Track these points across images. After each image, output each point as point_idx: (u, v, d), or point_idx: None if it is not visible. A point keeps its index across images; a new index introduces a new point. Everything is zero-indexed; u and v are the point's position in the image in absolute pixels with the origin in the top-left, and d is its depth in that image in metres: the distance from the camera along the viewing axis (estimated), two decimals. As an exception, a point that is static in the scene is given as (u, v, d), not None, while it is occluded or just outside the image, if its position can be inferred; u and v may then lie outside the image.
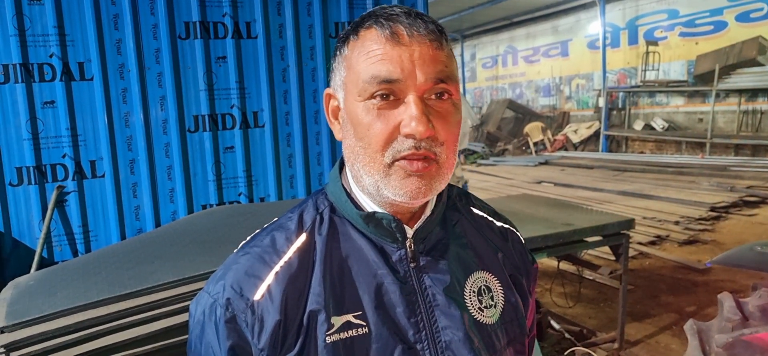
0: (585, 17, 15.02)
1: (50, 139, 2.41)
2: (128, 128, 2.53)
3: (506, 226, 0.83)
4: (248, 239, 0.73)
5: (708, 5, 12.08)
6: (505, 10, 15.50)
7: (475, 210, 0.82)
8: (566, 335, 3.30)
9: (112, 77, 2.48)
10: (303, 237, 0.70)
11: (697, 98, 12.53)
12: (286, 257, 0.68)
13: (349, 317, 0.66)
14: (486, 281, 0.74)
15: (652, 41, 13.10)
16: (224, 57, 2.68)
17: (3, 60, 2.30)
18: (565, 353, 3.02)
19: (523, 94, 17.89)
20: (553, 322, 3.41)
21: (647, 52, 13.01)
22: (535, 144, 14.77)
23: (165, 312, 1.62)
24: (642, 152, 13.09)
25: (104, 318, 1.55)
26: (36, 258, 2.30)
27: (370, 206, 0.70)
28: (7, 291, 1.73)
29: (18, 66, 2.31)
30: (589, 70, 15.26)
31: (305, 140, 2.89)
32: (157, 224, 2.61)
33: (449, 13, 15.16)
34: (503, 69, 18.68)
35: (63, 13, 2.37)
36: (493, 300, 0.73)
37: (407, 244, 0.70)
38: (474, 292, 0.72)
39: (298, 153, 2.89)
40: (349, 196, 0.72)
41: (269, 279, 0.66)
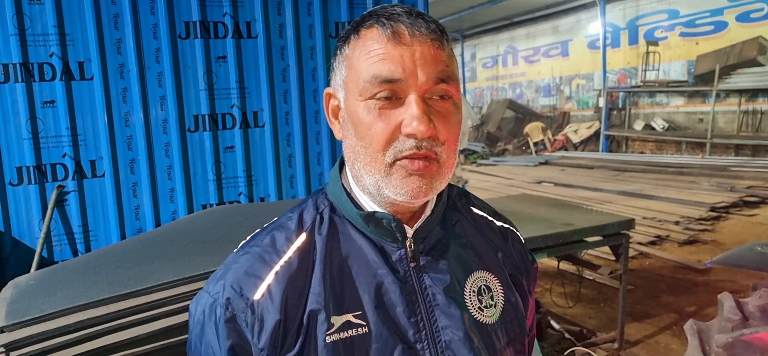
0: (585, 17, 15.02)
1: (50, 138, 2.41)
2: (128, 128, 2.53)
3: (506, 226, 0.83)
4: (248, 238, 0.73)
5: (708, 5, 12.08)
6: (505, 10, 15.50)
7: (475, 210, 0.82)
8: (566, 335, 3.30)
9: (112, 77, 2.48)
10: (303, 237, 0.70)
11: (697, 98, 12.53)
12: (286, 257, 0.68)
13: (349, 317, 0.66)
14: (486, 280, 0.74)
15: (652, 41, 13.09)
16: (224, 57, 2.68)
17: (3, 59, 2.30)
18: (565, 353, 3.02)
19: (523, 94, 17.89)
20: (553, 322, 3.41)
21: (647, 52, 13.01)
22: (535, 144, 14.77)
23: (165, 312, 1.62)
24: (642, 152, 13.09)
25: (104, 318, 1.55)
26: (36, 258, 2.30)
27: (370, 205, 0.70)
28: (7, 291, 1.73)
29: (18, 65, 2.31)
30: (590, 70, 15.25)
31: (305, 140, 2.89)
32: (157, 223, 2.61)
33: (449, 13, 15.15)
34: (503, 69, 18.68)
35: (63, 12, 2.37)
36: (493, 300, 0.73)
37: (407, 244, 0.70)
38: (474, 292, 0.72)
39: (298, 153, 2.89)
40: (349, 196, 0.71)
41: (269, 278, 0.66)
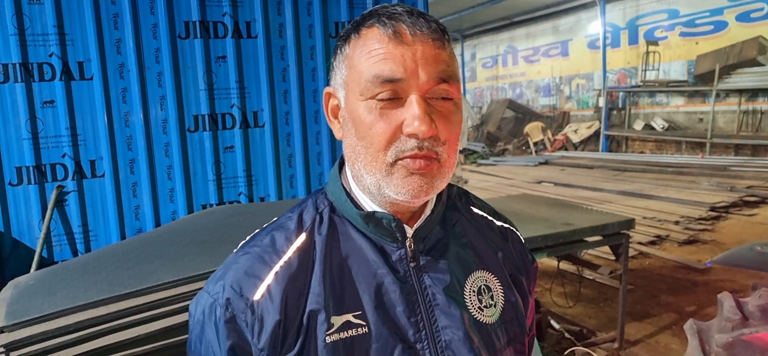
0: (585, 17, 15.02)
1: (50, 138, 2.40)
2: (128, 128, 2.53)
3: (506, 225, 0.83)
4: (248, 239, 0.73)
5: (708, 5, 12.08)
6: (505, 10, 15.50)
7: (475, 210, 0.82)
8: (566, 335, 3.30)
9: (112, 77, 2.48)
10: (303, 237, 0.70)
11: (697, 97, 12.53)
12: (285, 257, 0.68)
13: (349, 317, 0.66)
14: (486, 280, 0.74)
15: (652, 41, 13.09)
16: (224, 57, 2.68)
17: (2, 59, 2.30)
18: (565, 353, 3.02)
19: (523, 94, 17.89)
20: (553, 322, 3.41)
21: (647, 52, 13.01)
22: (535, 144, 14.77)
23: (165, 312, 1.62)
24: (642, 152, 13.09)
25: (104, 318, 1.55)
26: (36, 258, 2.30)
27: (369, 205, 0.70)
28: (6, 291, 1.73)
29: (17, 65, 2.31)
30: (590, 70, 15.25)
31: (305, 140, 2.89)
32: (157, 223, 2.61)
33: (449, 13, 15.15)
34: (503, 69, 18.68)
35: (63, 12, 2.37)
36: (493, 300, 0.73)
37: (407, 243, 0.70)
38: (474, 291, 0.72)
39: (298, 153, 2.89)
40: (349, 195, 0.71)
41: (269, 278, 0.66)
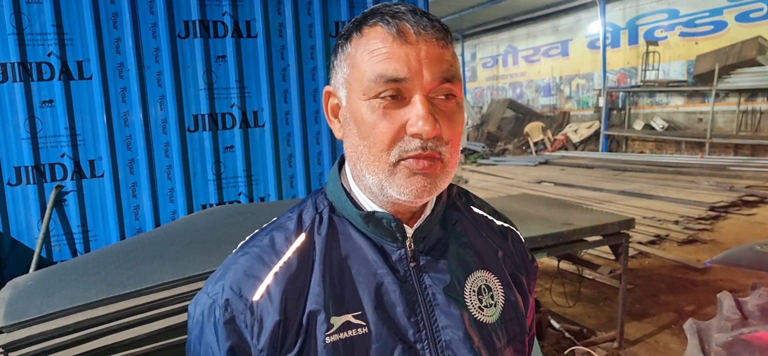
0: (585, 17, 15.02)
1: (49, 138, 2.40)
2: (127, 128, 2.53)
3: (506, 225, 0.83)
4: (247, 239, 0.72)
5: (708, 5, 12.08)
6: (505, 10, 15.49)
7: (475, 209, 0.82)
8: (566, 334, 3.30)
9: (111, 76, 2.47)
10: (302, 237, 0.69)
11: (696, 97, 12.53)
12: (285, 258, 0.67)
13: (349, 317, 0.65)
14: (486, 280, 0.74)
15: (652, 41, 13.09)
16: (224, 56, 2.67)
17: (1, 59, 2.29)
18: (565, 352, 3.02)
19: (523, 93, 17.89)
20: (552, 321, 3.41)
21: (647, 52, 13.00)
22: (536, 144, 14.76)
23: (164, 312, 1.62)
24: (642, 152, 13.09)
25: (103, 318, 1.54)
26: (35, 258, 2.29)
27: (369, 205, 0.70)
28: (5, 291, 1.73)
29: (16, 65, 2.30)
30: (590, 70, 15.25)
31: (305, 140, 2.89)
32: (157, 223, 2.61)
33: (450, 13, 15.15)
34: (504, 69, 18.67)
35: (61, 11, 2.36)
36: (493, 299, 0.73)
37: (407, 243, 0.69)
38: (474, 291, 0.72)
39: (298, 153, 2.88)
40: (349, 195, 0.71)
41: (268, 279, 0.66)
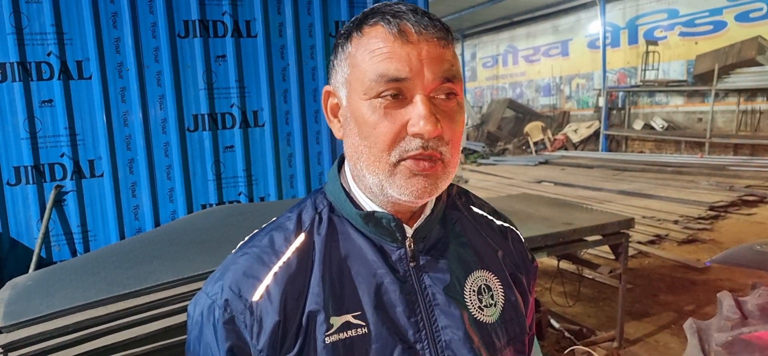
0: (585, 17, 15.02)
1: (48, 138, 2.40)
2: (127, 127, 2.53)
3: (506, 225, 0.83)
4: (247, 239, 0.72)
5: (708, 5, 12.08)
6: (505, 10, 15.49)
7: (475, 209, 0.81)
8: (566, 334, 3.30)
9: (111, 76, 2.47)
10: (302, 237, 0.69)
11: (696, 97, 12.53)
12: (284, 258, 0.67)
13: (349, 317, 0.65)
14: (486, 280, 0.74)
15: (651, 41, 13.09)
16: (224, 56, 2.67)
17: (0, 58, 2.29)
18: (565, 352, 3.02)
19: (523, 93, 17.89)
20: (552, 321, 3.41)
21: (647, 52, 13.01)
22: (535, 144, 14.76)
23: (164, 312, 1.62)
24: (641, 152, 13.09)
25: (103, 318, 1.54)
26: (34, 258, 2.29)
27: (369, 205, 0.70)
28: (5, 291, 1.73)
29: (15, 64, 2.30)
30: (589, 70, 15.25)
31: (305, 139, 2.89)
32: (157, 223, 2.60)
33: (450, 13, 15.15)
34: (504, 68, 18.67)
35: (61, 11, 2.36)
36: (493, 299, 0.73)
37: (407, 243, 0.69)
38: (474, 291, 0.72)
39: (298, 152, 2.88)
40: (348, 195, 0.71)
41: (268, 279, 0.66)
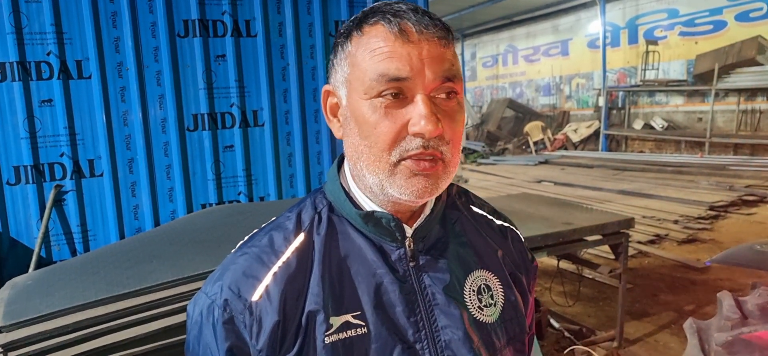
0: (585, 16, 15.02)
1: (48, 137, 2.40)
2: (127, 127, 2.52)
3: (506, 224, 0.83)
4: (246, 239, 0.72)
5: (708, 5, 12.08)
6: (505, 10, 15.49)
7: (475, 208, 0.81)
8: (566, 333, 3.30)
9: (111, 76, 2.47)
10: (301, 237, 0.69)
11: (696, 97, 12.53)
12: (284, 258, 0.67)
13: (348, 317, 0.65)
14: (486, 279, 0.74)
15: (651, 41, 13.09)
16: (223, 55, 2.67)
17: (0, 58, 2.29)
18: (565, 351, 3.02)
19: (523, 93, 17.89)
20: (552, 321, 3.41)
21: (647, 52, 13.01)
22: (535, 143, 14.76)
23: (164, 312, 1.62)
24: (641, 151, 13.09)
25: (102, 318, 1.54)
26: (34, 258, 2.29)
27: (368, 205, 0.70)
28: (4, 291, 1.73)
29: (15, 64, 2.30)
30: (589, 70, 15.25)
31: (305, 139, 2.89)
32: (156, 223, 2.60)
33: (450, 12, 15.14)
34: (503, 68, 18.67)
35: (60, 10, 2.36)
36: (492, 299, 0.73)
37: (406, 243, 0.69)
38: (474, 291, 0.72)
39: (297, 152, 2.88)
40: (348, 195, 0.71)
41: (267, 279, 0.66)
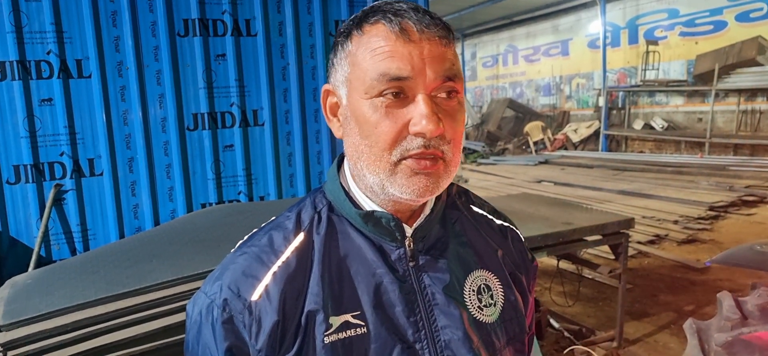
0: (585, 16, 15.01)
1: (48, 137, 2.40)
2: (127, 126, 2.52)
3: (506, 224, 0.83)
4: (246, 238, 0.72)
5: (708, 5, 12.08)
6: (505, 9, 15.49)
7: (475, 208, 0.81)
8: (565, 333, 3.30)
9: (111, 75, 2.47)
10: (301, 237, 0.69)
11: (696, 97, 12.53)
12: (284, 257, 0.67)
13: (348, 317, 0.65)
14: (485, 279, 0.74)
15: (652, 41, 13.09)
16: (223, 55, 2.67)
17: (0, 57, 2.29)
18: (565, 351, 3.02)
19: (523, 93, 17.88)
20: (552, 321, 3.41)
21: (647, 52, 13.00)
22: (535, 143, 14.76)
23: (163, 311, 1.62)
24: (641, 152, 13.09)
25: (102, 317, 1.54)
26: (33, 257, 2.29)
27: (368, 204, 0.69)
28: (4, 290, 1.73)
29: (15, 63, 2.30)
30: (590, 70, 15.25)
31: (305, 139, 2.89)
32: (156, 222, 2.60)
33: (450, 12, 15.14)
34: (504, 68, 18.67)
35: (61, 10, 2.36)
36: (492, 299, 0.73)
37: (406, 243, 0.69)
38: (473, 291, 0.72)
39: (297, 152, 2.88)
40: (348, 194, 0.71)
41: (267, 279, 0.65)
